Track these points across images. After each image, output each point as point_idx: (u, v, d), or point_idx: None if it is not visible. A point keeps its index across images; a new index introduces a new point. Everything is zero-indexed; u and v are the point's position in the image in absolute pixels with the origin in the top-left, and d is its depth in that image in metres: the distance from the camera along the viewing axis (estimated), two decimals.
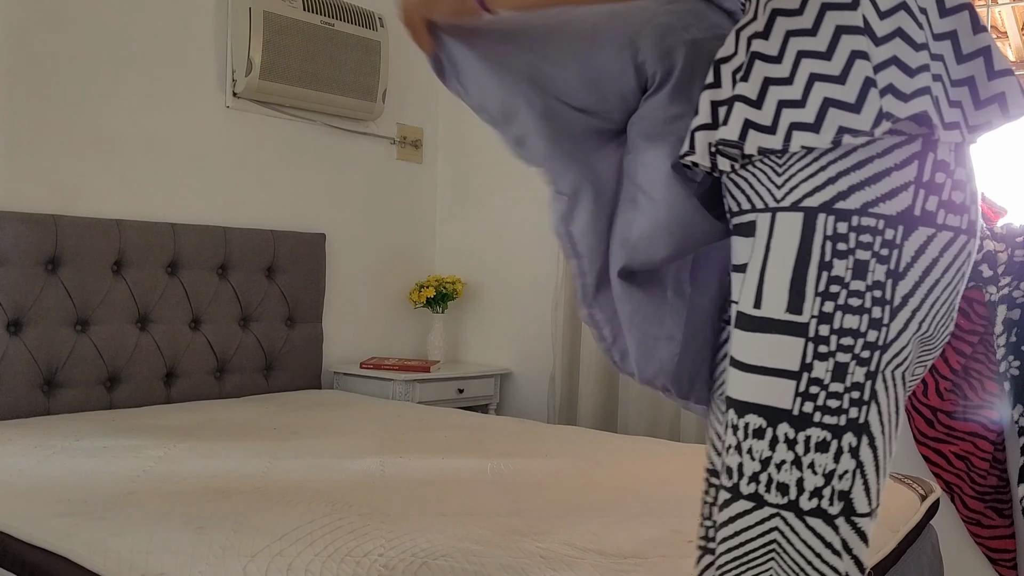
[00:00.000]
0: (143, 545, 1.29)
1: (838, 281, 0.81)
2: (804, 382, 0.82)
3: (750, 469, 0.84)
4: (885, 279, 0.81)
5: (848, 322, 0.81)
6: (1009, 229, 2.31)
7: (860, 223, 0.81)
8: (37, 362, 2.32)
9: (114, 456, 1.84)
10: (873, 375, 0.82)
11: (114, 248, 2.48)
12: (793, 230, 0.83)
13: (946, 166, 0.83)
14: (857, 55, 0.81)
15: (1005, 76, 0.84)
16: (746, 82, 0.86)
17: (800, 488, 0.82)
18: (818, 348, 0.82)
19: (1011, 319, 2.20)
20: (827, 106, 0.81)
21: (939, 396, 2.37)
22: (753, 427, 0.84)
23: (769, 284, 0.84)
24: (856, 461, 0.82)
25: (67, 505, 1.48)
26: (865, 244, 0.81)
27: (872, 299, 0.81)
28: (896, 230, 0.81)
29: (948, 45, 0.83)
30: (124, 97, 2.59)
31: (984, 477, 2.33)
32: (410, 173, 3.54)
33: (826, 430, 0.82)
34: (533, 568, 1.26)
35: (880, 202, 0.81)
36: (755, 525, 0.84)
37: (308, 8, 2.90)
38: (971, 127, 0.84)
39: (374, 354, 3.38)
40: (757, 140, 0.85)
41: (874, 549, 1.51)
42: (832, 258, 0.82)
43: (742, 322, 0.86)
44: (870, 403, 0.82)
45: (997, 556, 2.36)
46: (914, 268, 0.82)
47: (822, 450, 0.82)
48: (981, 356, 2.33)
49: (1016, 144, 2.59)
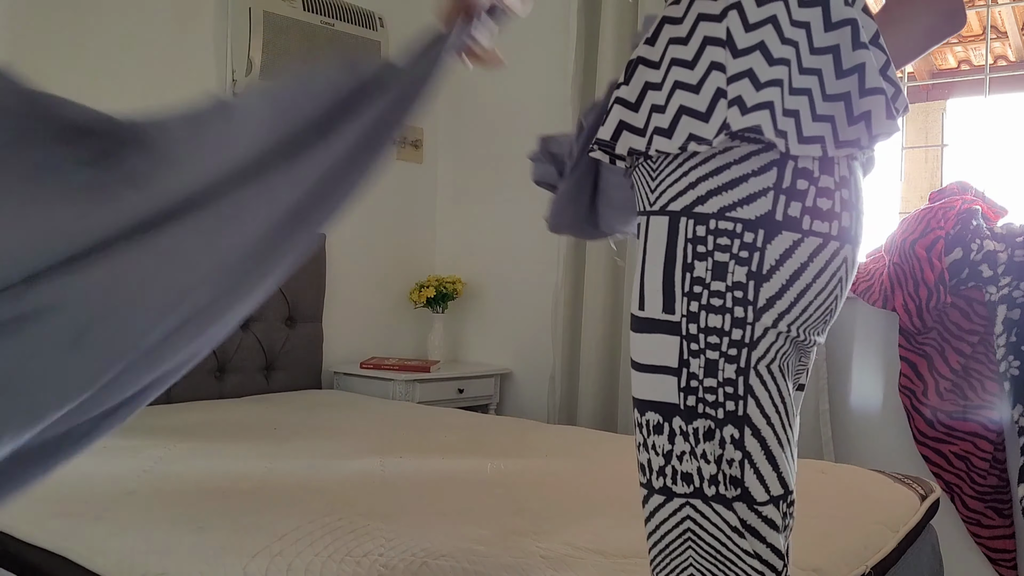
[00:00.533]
0: (143, 545, 1.29)
1: (700, 282, 0.84)
2: (684, 377, 0.86)
3: (656, 464, 0.88)
4: (747, 280, 0.83)
5: (712, 321, 0.84)
6: (1009, 229, 2.31)
7: (717, 226, 0.84)
8: None
9: (114, 456, 1.83)
10: (744, 371, 0.84)
11: None
12: (661, 232, 0.87)
13: (808, 174, 0.84)
14: (715, 66, 0.84)
15: (874, 95, 0.84)
16: (627, 85, 0.90)
17: (700, 476, 0.86)
18: (690, 345, 0.85)
19: (1011, 319, 2.20)
20: (681, 114, 0.85)
21: (939, 396, 2.37)
22: (652, 423, 0.88)
23: (648, 286, 0.87)
24: (742, 451, 0.85)
25: (67, 505, 1.48)
26: (723, 247, 0.84)
27: (733, 299, 0.84)
28: (756, 234, 0.83)
29: (829, 59, 0.84)
30: (124, 97, 2.59)
31: (984, 477, 2.33)
32: (410, 173, 3.54)
33: (709, 420, 0.85)
34: (533, 568, 1.26)
35: (737, 207, 0.83)
36: (670, 517, 0.87)
37: (308, 8, 2.90)
38: (841, 143, 0.83)
39: (374, 354, 3.38)
40: (628, 141, 0.89)
41: (874, 549, 1.51)
42: (693, 260, 0.85)
43: (633, 324, 0.90)
44: (746, 397, 0.85)
45: (997, 556, 2.36)
46: (780, 271, 0.84)
47: (709, 439, 0.85)
48: (981, 356, 2.33)
49: (1016, 144, 2.58)
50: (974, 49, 3.30)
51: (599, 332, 2.92)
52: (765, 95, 0.82)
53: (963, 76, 3.24)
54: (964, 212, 2.33)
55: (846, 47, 0.84)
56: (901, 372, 2.44)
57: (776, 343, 0.85)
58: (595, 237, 1.23)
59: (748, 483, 0.85)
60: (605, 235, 1.21)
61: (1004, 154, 2.64)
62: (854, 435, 2.61)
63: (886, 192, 2.83)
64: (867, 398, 2.60)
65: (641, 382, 0.89)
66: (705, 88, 0.84)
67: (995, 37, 3.22)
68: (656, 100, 0.87)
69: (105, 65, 2.54)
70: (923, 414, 2.40)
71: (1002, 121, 2.69)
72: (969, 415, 2.33)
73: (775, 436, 0.86)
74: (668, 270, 0.86)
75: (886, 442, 2.55)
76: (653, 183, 0.88)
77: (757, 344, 0.84)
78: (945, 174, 2.79)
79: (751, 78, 0.82)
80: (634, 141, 0.88)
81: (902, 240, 2.41)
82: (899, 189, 2.80)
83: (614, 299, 2.94)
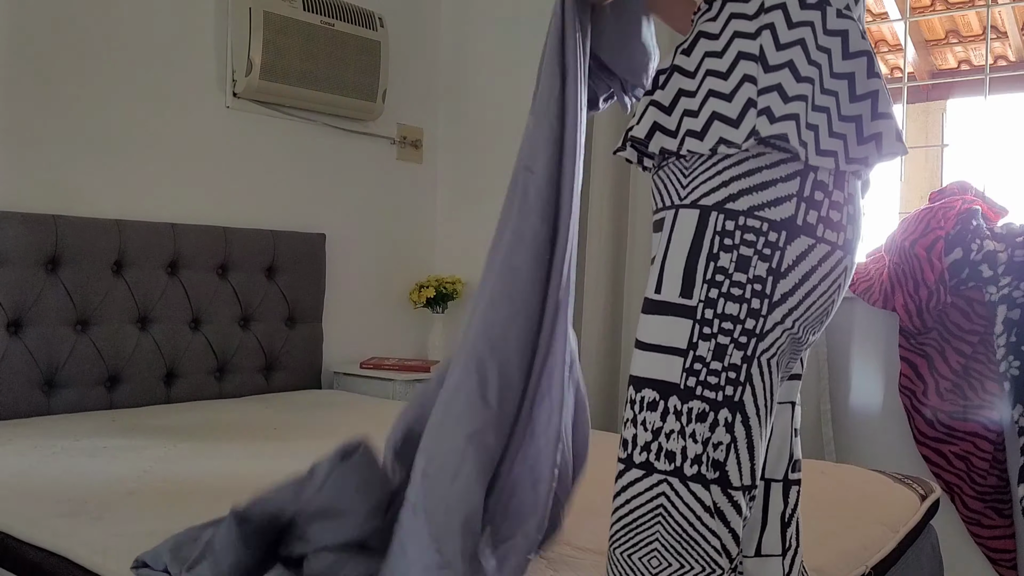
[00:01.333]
0: (143, 545, 1.29)
1: (723, 271, 0.91)
2: (690, 359, 0.91)
3: (643, 439, 0.93)
4: (766, 275, 0.91)
5: (729, 309, 0.91)
6: (1009, 229, 2.31)
7: (746, 223, 0.91)
8: (37, 362, 2.32)
9: (114, 456, 1.83)
10: (749, 359, 0.91)
11: (114, 248, 2.48)
12: (690, 224, 0.94)
13: (824, 187, 0.92)
14: (747, 79, 0.92)
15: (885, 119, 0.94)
16: (663, 90, 0.98)
17: (684, 455, 0.91)
18: (703, 329, 0.91)
19: (1011, 319, 2.20)
20: (713, 119, 0.92)
21: (939, 396, 2.37)
22: (648, 400, 0.93)
23: (668, 271, 0.94)
24: (731, 435, 0.91)
25: (67, 505, 1.48)
26: (749, 242, 0.91)
27: (752, 291, 0.91)
28: (779, 234, 0.91)
29: (845, 84, 0.93)
30: (124, 97, 2.59)
31: (984, 477, 2.33)
32: (410, 173, 3.54)
33: (705, 403, 0.91)
34: (533, 568, 1.26)
35: (765, 207, 0.91)
36: (645, 491, 0.92)
37: (308, 8, 2.90)
38: (850, 159, 0.92)
39: (374, 354, 3.38)
40: (660, 141, 0.96)
41: (874, 549, 1.51)
42: (719, 251, 0.92)
43: (646, 306, 0.96)
44: (745, 384, 0.91)
45: (997, 556, 2.36)
46: (795, 271, 0.92)
47: (701, 420, 0.91)
48: (981, 356, 2.33)
49: (1016, 144, 2.58)
50: (974, 49, 3.30)
51: (599, 332, 2.92)
52: (792, 108, 0.90)
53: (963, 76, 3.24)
54: (964, 212, 2.33)
55: (861, 75, 0.93)
56: (901, 372, 2.44)
57: (779, 339, 0.93)
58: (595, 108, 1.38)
59: (729, 467, 0.91)
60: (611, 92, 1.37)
61: (1004, 154, 2.64)
62: (854, 435, 2.61)
63: (886, 192, 2.83)
64: (867, 398, 2.59)
65: (643, 360, 0.94)
66: (737, 98, 0.92)
67: (995, 37, 3.21)
68: (689, 106, 0.95)
69: (105, 65, 2.54)
70: (923, 414, 2.40)
71: (1002, 121, 2.69)
72: (969, 415, 2.34)
73: (759, 427, 0.93)
74: (692, 258, 0.92)
75: (886, 442, 2.55)
76: (685, 180, 0.96)
77: (765, 336, 0.92)
78: (945, 174, 2.80)
79: (780, 92, 0.91)
80: (666, 142, 0.96)
81: (902, 240, 2.41)
82: (899, 189, 2.80)
83: (614, 299, 2.94)
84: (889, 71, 3.52)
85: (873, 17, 3.14)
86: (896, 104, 2.82)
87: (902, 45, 3.16)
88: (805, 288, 0.92)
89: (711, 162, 0.93)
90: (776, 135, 0.89)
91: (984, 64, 2.67)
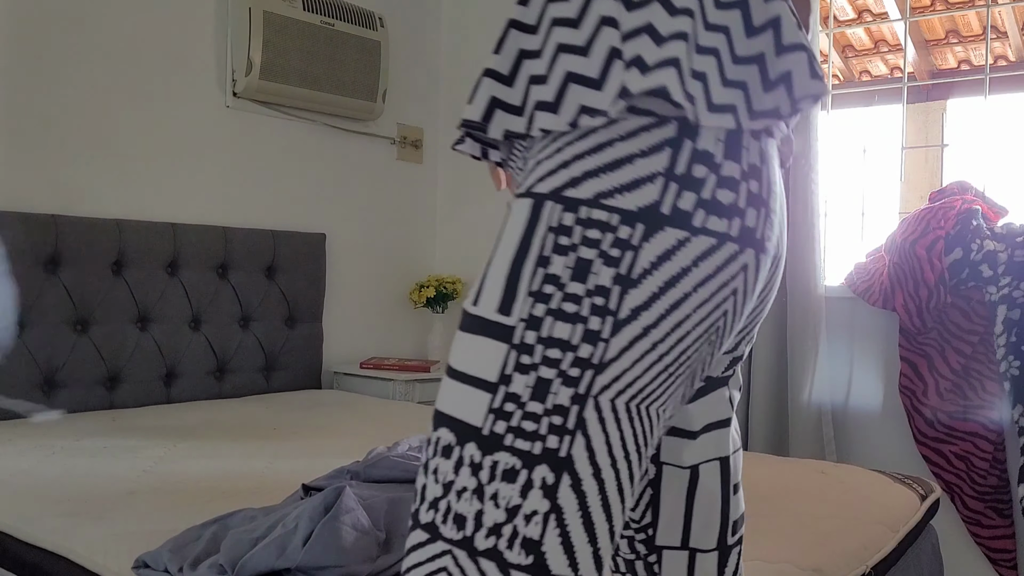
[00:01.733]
0: (143, 545, 1.29)
1: (554, 281, 0.67)
2: (500, 397, 0.67)
3: (432, 493, 0.69)
4: (611, 285, 0.66)
5: (559, 331, 0.66)
6: (1009, 229, 2.31)
7: (590, 216, 0.67)
8: (37, 362, 2.32)
9: (114, 456, 1.84)
10: (581, 399, 0.66)
11: (114, 248, 2.48)
12: (520, 218, 0.70)
13: (708, 159, 0.68)
14: (605, 22, 0.69)
15: (794, 51, 0.70)
16: (498, 54, 0.74)
17: (478, 523, 0.66)
18: (521, 358, 0.67)
19: (1011, 319, 2.20)
20: (568, 82, 0.70)
21: (939, 396, 2.37)
22: (443, 443, 0.69)
23: (490, 279, 0.70)
24: (550, 503, 0.65)
25: (67, 505, 1.48)
26: (592, 241, 0.67)
27: (591, 307, 0.67)
28: (634, 228, 0.67)
29: (736, 15, 0.70)
30: (124, 97, 2.59)
31: (984, 477, 2.33)
32: (410, 173, 3.54)
33: (516, 456, 0.66)
34: None
35: (617, 193, 0.67)
36: (426, 562, 0.68)
37: (308, 8, 2.90)
38: (756, 112, 0.69)
39: (374, 354, 3.38)
40: (503, 122, 0.73)
41: (874, 549, 1.51)
42: (552, 253, 0.68)
43: (461, 320, 0.73)
44: (575, 433, 0.66)
45: (997, 556, 2.36)
46: (652, 277, 0.67)
47: (508, 480, 0.66)
48: (981, 356, 2.33)
49: (1016, 144, 2.58)
50: (974, 49, 3.30)
51: None
52: (669, 50, 0.67)
53: (963, 76, 3.24)
54: (964, 212, 2.33)
55: (757, 0, 0.71)
56: (901, 372, 2.45)
57: (634, 371, 0.67)
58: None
59: (547, 549, 0.65)
60: None
61: (1004, 154, 2.64)
62: (854, 435, 2.61)
63: (886, 192, 2.83)
64: (867, 398, 2.60)
65: (446, 391, 0.71)
66: (595, 49, 0.69)
67: (995, 37, 3.22)
68: (535, 70, 0.72)
69: (105, 65, 2.54)
70: (923, 414, 2.41)
71: (1002, 121, 2.69)
72: (969, 415, 2.34)
73: (602, 498, 0.66)
74: (517, 264, 0.69)
75: (886, 442, 2.55)
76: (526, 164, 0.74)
77: (606, 367, 0.66)
78: (945, 174, 2.80)
79: (650, 33, 0.68)
80: (511, 122, 0.73)
81: (902, 240, 2.41)
82: (899, 189, 2.80)
83: None
84: (889, 71, 3.52)
85: (873, 17, 3.14)
86: (896, 104, 2.82)
87: (902, 45, 3.17)
88: (671, 298, 0.67)
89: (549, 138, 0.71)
90: (652, 89, 0.66)
91: (984, 64, 2.67)
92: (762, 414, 2.57)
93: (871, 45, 3.45)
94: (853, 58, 3.54)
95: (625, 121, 0.68)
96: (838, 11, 3.16)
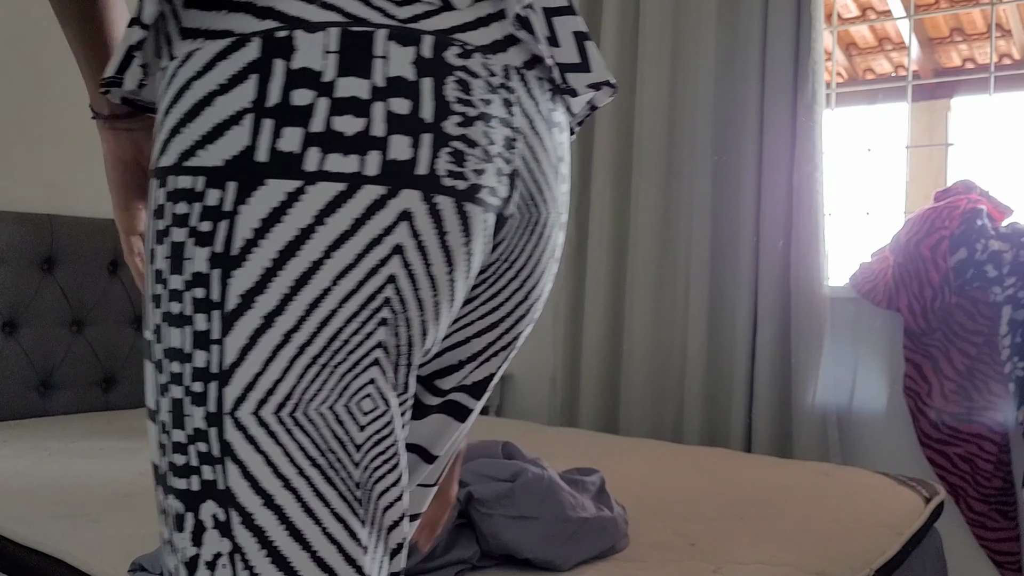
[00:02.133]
0: (139, 548, 1.27)
1: (159, 278, 0.55)
2: (158, 427, 0.56)
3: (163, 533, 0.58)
4: (209, 269, 0.52)
5: (172, 339, 0.54)
6: (1014, 228, 2.29)
7: (177, 186, 0.53)
8: (32, 363, 2.30)
9: (110, 458, 1.82)
10: (216, 419, 0.53)
11: (110, 248, 2.47)
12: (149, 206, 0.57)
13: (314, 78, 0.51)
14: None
15: None
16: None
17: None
18: (159, 378, 0.55)
19: (1016, 320, 2.18)
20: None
21: (944, 398, 2.35)
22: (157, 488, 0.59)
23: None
24: (232, 543, 0.53)
25: (63, 507, 1.46)
26: (180, 218, 0.53)
27: (193, 302, 0.53)
28: (223, 190, 0.52)
29: None
30: None
31: (989, 479, 2.31)
32: None
33: (180, 500, 0.54)
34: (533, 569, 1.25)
35: (199, 148, 0.52)
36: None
37: None
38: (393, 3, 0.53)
39: None
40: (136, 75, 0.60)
41: (877, 552, 1.50)
42: (154, 244, 0.55)
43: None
44: (223, 461, 0.53)
45: (1002, 559, 2.34)
46: (260, 249, 0.52)
47: (179, 528, 0.55)
48: (986, 357, 2.31)
49: (1021, 143, 2.57)
50: (979, 47, 3.28)
51: (600, 333, 2.90)
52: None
53: (968, 75, 3.22)
54: (969, 211, 2.31)
55: None
56: (905, 373, 2.43)
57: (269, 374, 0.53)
58: None
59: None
60: None
61: (1009, 153, 2.62)
62: (858, 437, 2.59)
63: (890, 192, 2.81)
64: (871, 400, 2.58)
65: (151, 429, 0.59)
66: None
67: (1000, 35, 3.20)
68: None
69: None
70: (927, 416, 2.39)
71: (1007, 119, 2.67)
72: (974, 417, 2.32)
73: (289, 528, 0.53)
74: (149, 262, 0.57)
75: (890, 444, 2.54)
76: None
77: (231, 376, 0.52)
78: (950, 173, 2.78)
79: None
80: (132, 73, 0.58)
81: (906, 240, 2.39)
82: (903, 188, 2.78)
83: (615, 300, 2.92)
84: (894, 69, 3.51)
85: (877, 14, 3.12)
86: (900, 103, 2.80)
87: (906, 43, 3.15)
88: (291, 274, 0.52)
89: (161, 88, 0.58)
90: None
91: (989, 62, 2.65)
92: (765, 415, 2.55)
93: (875, 43, 3.43)
94: (857, 56, 3.53)
95: (199, 52, 0.53)
96: (842, 8, 3.14)
